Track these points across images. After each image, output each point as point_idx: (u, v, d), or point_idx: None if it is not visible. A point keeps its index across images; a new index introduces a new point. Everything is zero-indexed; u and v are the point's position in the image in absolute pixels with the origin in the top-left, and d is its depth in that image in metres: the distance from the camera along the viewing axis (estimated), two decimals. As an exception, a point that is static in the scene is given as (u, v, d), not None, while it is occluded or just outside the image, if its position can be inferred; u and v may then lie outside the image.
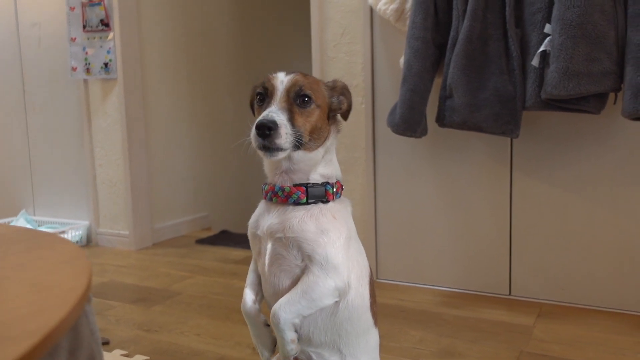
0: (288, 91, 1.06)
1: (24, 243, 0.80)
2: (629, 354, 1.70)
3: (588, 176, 2.04)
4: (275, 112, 1.03)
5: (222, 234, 3.48)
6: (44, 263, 0.66)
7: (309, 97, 1.07)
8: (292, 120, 1.04)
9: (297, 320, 1.06)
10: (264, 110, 1.05)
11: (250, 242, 1.18)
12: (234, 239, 3.33)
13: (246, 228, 1.19)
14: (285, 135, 1.01)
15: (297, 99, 1.06)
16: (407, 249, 2.40)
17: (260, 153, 1.05)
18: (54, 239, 0.79)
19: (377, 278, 2.47)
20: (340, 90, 1.17)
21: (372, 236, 2.45)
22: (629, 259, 2.01)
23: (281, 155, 1.04)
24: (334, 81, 1.17)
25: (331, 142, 1.14)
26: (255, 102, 1.12)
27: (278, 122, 1.01)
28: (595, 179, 2.03)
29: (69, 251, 0.71)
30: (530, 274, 2.18)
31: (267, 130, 1.00)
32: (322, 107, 1.11)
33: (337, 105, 1.16)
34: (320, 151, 1.11)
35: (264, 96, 1.09)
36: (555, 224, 2.11)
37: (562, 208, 2.10)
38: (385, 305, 2.16)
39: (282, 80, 1.08)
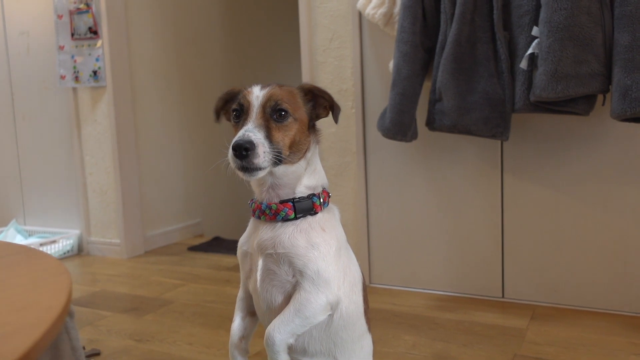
0: (264, 106, 1.04)
1: (2, 259, 0.78)
2: (621, 355, 1.70)
3: (579, 177, 2.05)
4: (251, 131, 1.01)
5: (215, 241, 3.46)
6: (22, 280, 0.65)
7: (286, 111, 1.05)
8: (269, 136, 1.02)
9: (291, 340, 1.05)
10: (240, 128, 1.03)
11: (240, 263, 1.17)
12: (227, 245, 3.32)
13: (238, 233, 1.18)
14: (263, 154, 0.99)
15: (274, 114, 1.04)
16: (400, 253, 2.39)
17: (240, 174, 1.03)
18: (35, 254, 0.78)
19: (370, 283, 2.46)
20: (310, 94, 1.12)
21: (364, 241, 2.44)
22: (621, 259, 2.01)
23: (260, 174, 1.03)
24: (301, 87, 1.13)
25: (312, 152, 1.12)
26: (231, 119, 1.10)
27: (255, 142, 0.99)
28: (586, 180, 2.04)
29: (49, 267, 0.70)
30: (523, 276, 2.17)
31: (244, 151, 0.98)
32: (301, 119, 1.08)
33: (316, 112, 1.12)
34: (302, 164, 1.10)
35: (239, 113, 1.07)
36: (547, 225, 2.11)
37: (554, 209, 2.10)
38: (378, 310, 2.15)
39: (257, 95, 1.05)
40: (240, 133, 1.01)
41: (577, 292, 2.09)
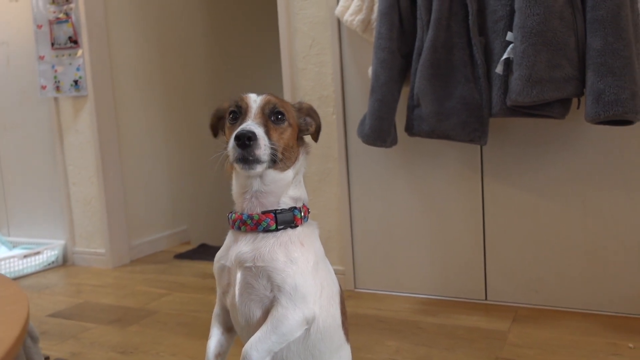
0: (262, 108, 1.08)
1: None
2: (601, 356, 1.72)
3: (557, 179, 2.07)
4: (252, 125, 1.04)
5: (201, 248, 3.46)
6: (-23, 310, 0.64)
7: (283, 114, 1.09)
8: (268, 134, 1.05)
9: (268, 358, 1.05)
10: (238, 126, 1.05)
11: (216, 278, 1.16)
12: (213, 252, 3.27)
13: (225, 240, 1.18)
14: (264, 147, 1.02)
15: (272, 116, 1.08)
16: (384, 258, 2.40)
17: (238, 166, 1.05)
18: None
19: (354, 288, 2.47)
20: (307, 112, 1.18)
21: (348, 246, 2.45)
22: (600, 259, 2.03)
23: (259, 169, 1.05)
24: (300, 103, 1.19)
25: (301, 163, 1.15)
26: (227, 121, 1.12)
27: (257, 133, 1.02)
28: (564, 182, 2.06)
29: (4, 294, 0.69)
30: (505, 278, 2.19)
31: (247, 140, 1.00)
32: (293, 126, 1.13)
33: (305, 127, 1.17)
34: (291, 172, 1.12)
35: (237, 115, 1.10)
36: (527, 227, 2.13)
37: (534, 212, 2.11)
38: (362, 316, 2.16)
39: (255, 99, 1.10)
40: (243, 125, 1.03)
41: (557, 293, 2.11)
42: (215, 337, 1.17)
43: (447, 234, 2.27)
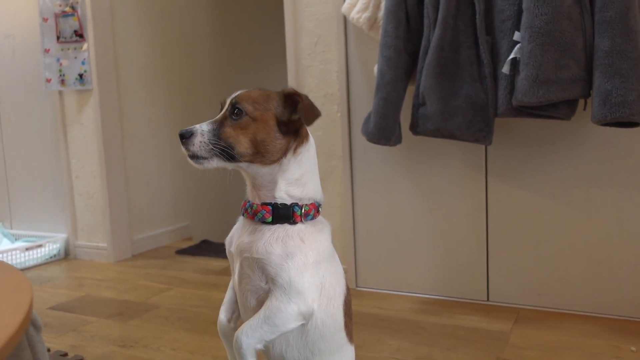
0: (229, 106, 1.10)
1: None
2: (603, 359, 1.71)
3: (561, 181, 2.06)
4: (200, 124, 1.08)
5: (203, 244, 3.45)
6: (-20, 296, 0.63)
7: (240, 110, 1.07)
8: (219, 131, 1.07)
9: (259, 346, 1.05)
10: None
11: (228, 258, 1.19)
12: (215, 248, 3.31)
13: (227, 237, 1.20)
14: (198, 144, 1.06)
15: (231, 112, 1.08)
16: (386, 257, 2.40)
17: (189, 161, 1.09)
18: (-2, 267, 0.76)
19: (356, 286, 2.46)
20: (290, 99, 1.09)
21: (350, 244, 2.45)
22: (604, 262, 2.02)
23: (206, 163, 1.07)
24: (282, 90, 1.11)
25: (290, 159, 1.09)
26: None
27: (194, 131, 1.06)
28: (569, 184, 2.05)
29: (8, 282, 0.68)
30: (508, 280, 2.18)
31: (182, 139, 1.07)
32: (262, 119, 1.07)
33: (288, 115, 1.08)
34: (275, 168, 1.09)
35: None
36: (531, 228, 2.12)
37: (537, 213, 2.11)
38: (364, 315, 2.15)
39: (232, 96, 1.11)
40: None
41: (560, 295, 2.10)
42: (227, 303, 1.20)
43: (450, 233, 2.26)
